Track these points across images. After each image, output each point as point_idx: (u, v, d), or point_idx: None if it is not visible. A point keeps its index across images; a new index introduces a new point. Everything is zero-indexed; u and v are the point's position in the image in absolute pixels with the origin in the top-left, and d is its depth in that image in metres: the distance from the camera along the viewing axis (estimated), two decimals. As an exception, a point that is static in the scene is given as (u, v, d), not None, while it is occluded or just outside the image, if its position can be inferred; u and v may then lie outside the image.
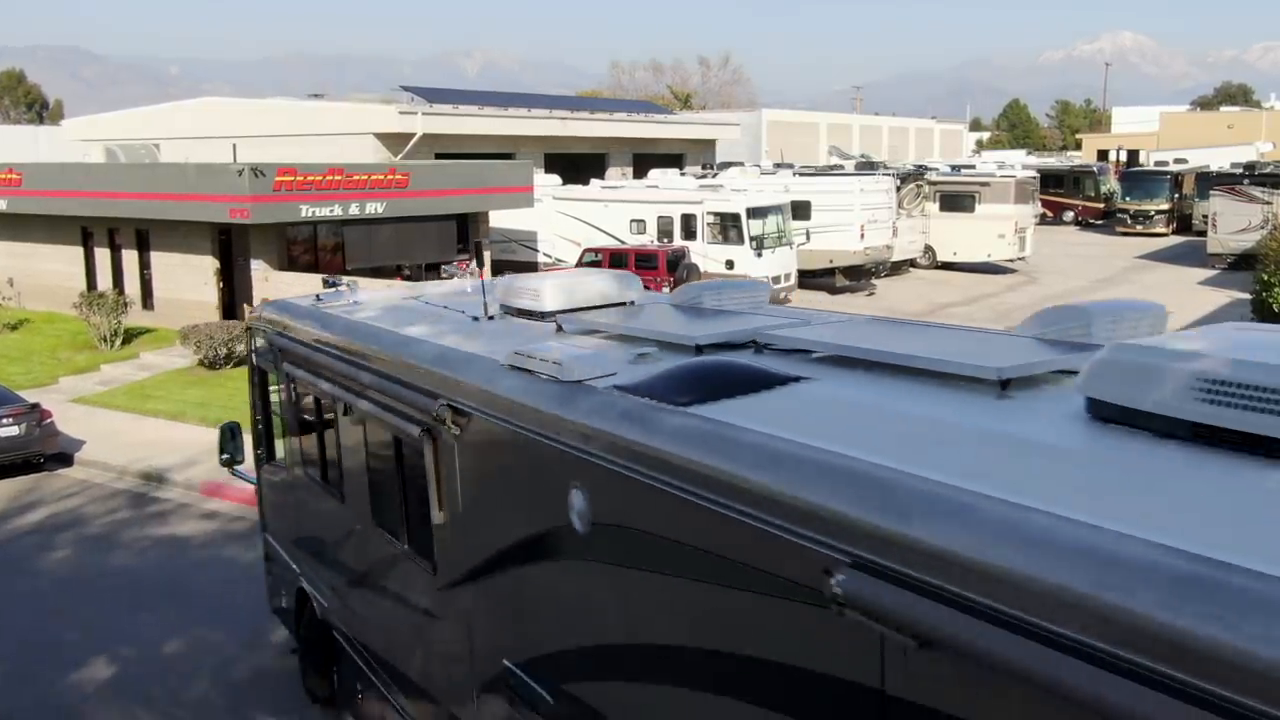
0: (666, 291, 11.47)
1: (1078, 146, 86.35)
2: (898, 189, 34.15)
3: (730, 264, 27.22)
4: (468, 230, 28.56)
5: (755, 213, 28.04)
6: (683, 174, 36.77)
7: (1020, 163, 48.34)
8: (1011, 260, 35.99)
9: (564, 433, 4.72)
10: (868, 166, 40.96)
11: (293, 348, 8.50)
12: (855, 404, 4.11)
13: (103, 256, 28.12)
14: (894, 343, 4.69)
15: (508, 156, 34.16)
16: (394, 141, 32.54)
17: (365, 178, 24.68)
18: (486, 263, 28.76)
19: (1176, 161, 53.79)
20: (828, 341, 4.85)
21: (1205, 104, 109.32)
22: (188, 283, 25.62)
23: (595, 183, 33.58)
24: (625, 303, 6.68)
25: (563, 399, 4.81)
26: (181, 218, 24.26)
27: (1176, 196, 47.64)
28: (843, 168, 41.40)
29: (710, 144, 47.94)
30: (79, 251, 28.60)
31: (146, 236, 26.61)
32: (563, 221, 30.72)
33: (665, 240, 28.39)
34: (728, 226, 28.04)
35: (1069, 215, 52.81)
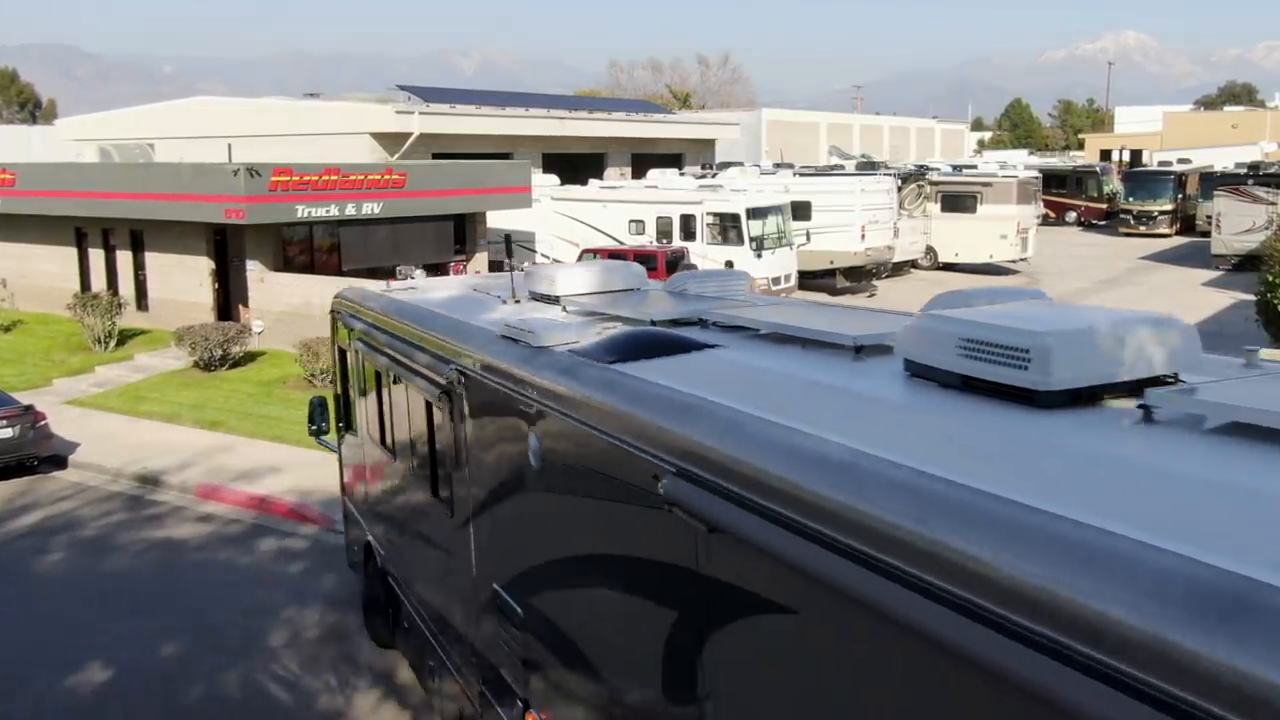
0: None
1: (1080, 146, 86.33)
2: (899, 189, 33.89)
3: (730, 265, 26.94)
4: (464, 231, 28.39)
5: (755, 213, 27.83)
6: (682, 174, 36.50)
7: (1022, 163, 48.23)
8: (1014, 261, 35.73)
9: (526, 386, 5.74)
10: (868, 166, 40.70)
11: (361, 327, 9.87)
12: (741, 364, 4.96)
13: (97, 257, 27.95)
14: (800, 320, 5.56)
15: (505, 156, 33.96)
16: (390, 141, 32.35)
17: (362, 178, 24.46)
18: (482, 263, 28.63)
19: (1180, 161, 53.59)
20: (755, 319, 5.68)
21: (1209, 103, 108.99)
22: (182, 284, 25.44)
23: (594, 183, 33.33)
24: (624, 289, 7.50)
25: (530, 359, 5.82)
26: (176, 218, 24.05)
27: (1180, 197, 47.40)
28: (843, 168, 41.08)
29: (710, 144, 47.77)
30: (73, 252, 28.43)
31: (141, 237, 26.44)
32: (561, 222, 30.48)
33: (664, 241, 28.13)
34: (727, 227, 27.84)
35: (1071, 216, 52.64)
